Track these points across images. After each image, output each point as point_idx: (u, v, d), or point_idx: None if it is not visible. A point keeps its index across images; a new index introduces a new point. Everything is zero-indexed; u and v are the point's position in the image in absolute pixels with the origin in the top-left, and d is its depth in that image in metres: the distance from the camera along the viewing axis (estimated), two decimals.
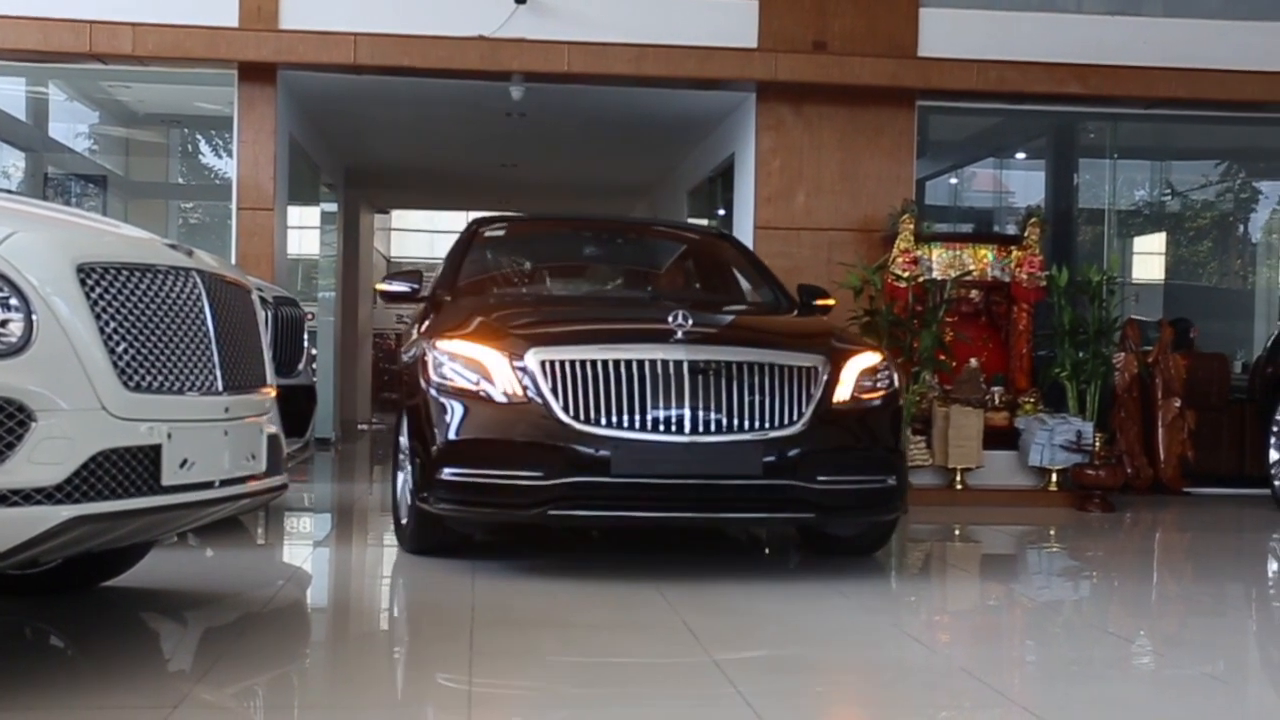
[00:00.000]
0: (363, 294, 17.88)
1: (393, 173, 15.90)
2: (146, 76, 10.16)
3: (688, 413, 4.74)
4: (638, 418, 4.73)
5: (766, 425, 4.81)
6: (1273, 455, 8.25)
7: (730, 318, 5.99)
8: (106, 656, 3.60)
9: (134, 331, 3.20)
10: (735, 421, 4.77)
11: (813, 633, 4.13)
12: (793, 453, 4.81)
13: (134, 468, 3.14)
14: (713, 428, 4.76)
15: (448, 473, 4.89)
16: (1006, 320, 9.02)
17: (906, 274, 8.64)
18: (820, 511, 4.97)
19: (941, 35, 9.86)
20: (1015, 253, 9.08)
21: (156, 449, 3.20)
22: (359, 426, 15.93)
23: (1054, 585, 5.48)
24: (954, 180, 12.13)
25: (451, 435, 4.92)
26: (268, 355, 3.99)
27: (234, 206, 9.82)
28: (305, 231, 13.66)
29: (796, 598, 4.74)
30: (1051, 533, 6.91)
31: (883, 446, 5.17)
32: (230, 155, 10.13)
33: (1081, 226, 11.52)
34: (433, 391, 5.02)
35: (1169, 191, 12.38)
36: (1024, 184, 12.24)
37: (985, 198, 12.41)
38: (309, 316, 8.09)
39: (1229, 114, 10.63)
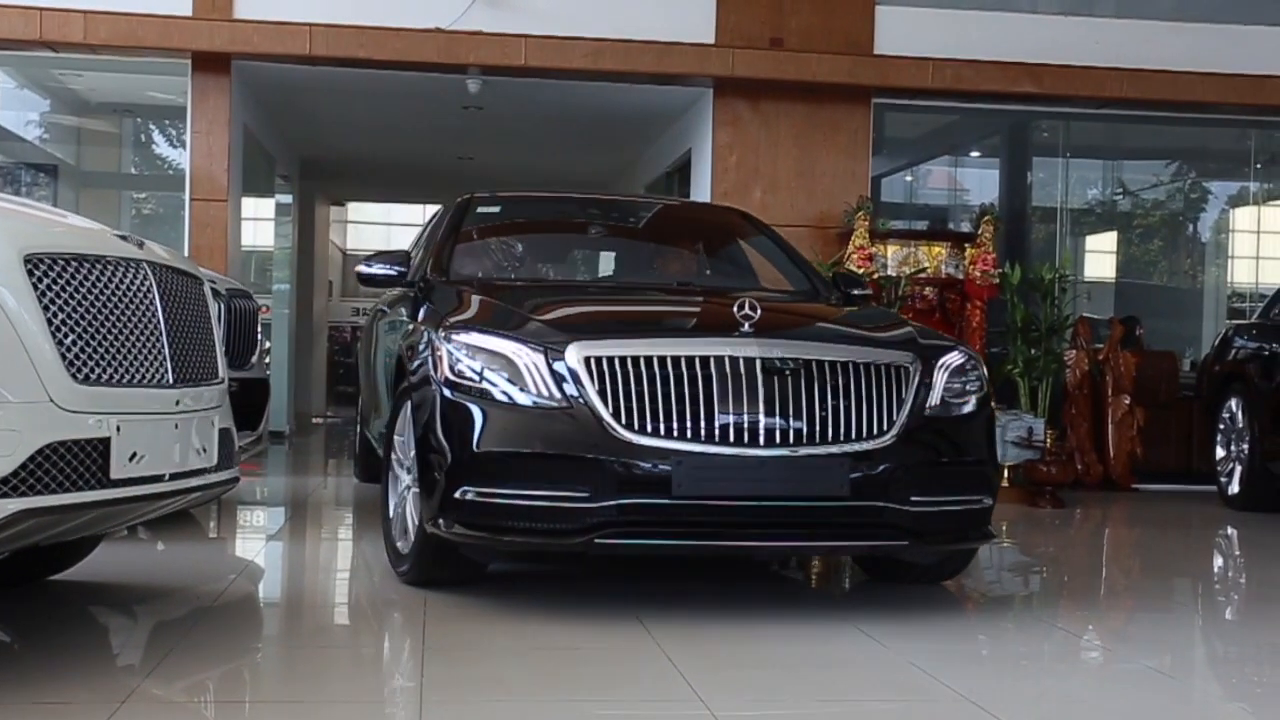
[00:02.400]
0: (318, 287, 17.80)
1: (349, 165, 15.82)
2: (98, 65, 10.07)
3: (762, 421, 3.97)
4: (703, 426, 3.94)
5: (853, 436, 4.06)
6: (1219, 452, 8.36)
7: (794, 307, 5.22)
8: (54, 651, 3.57)
9: (83, 323, 3.17)
10: (817, 431, 4.02)
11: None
12: (884, 469, 4.07)
13: (82, 461, 3.11)
14: (791, 439, 4.00)
15: (469, 492, 4.03)
16: (960, 317, 9.10)
17: (861, 270, 8.69)
18: (914, 538, 4.17)
19: (897, 33, 9.94)
20: (969, 250, 9.16)
21: (105, 442, 3.17)
22: (313, 420, 15.84)
23: (1004, 581, 5.53)
24: (909, 178, 12.21)
25: (473, 446, 4.06)
26: (220, 348, 3.96)
27: (187, 197, 9.75)
28: (260, 223, 13.56)
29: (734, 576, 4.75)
30: (1003, 527, 6.98)
31: (978, 460, 4.43)
32: (184, 146, 10.06)
33: (1034, 225, 11.63)
34: (446, 392, 4.18)
35: (1120, 191, 12.52)
36: (978, 182, 12.34)
37: (940, 195, 12.50)
38: (263, 309, 8.06)
39: (1179, 115, 10.77)
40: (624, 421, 3.95)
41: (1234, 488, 8.10)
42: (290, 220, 14.55)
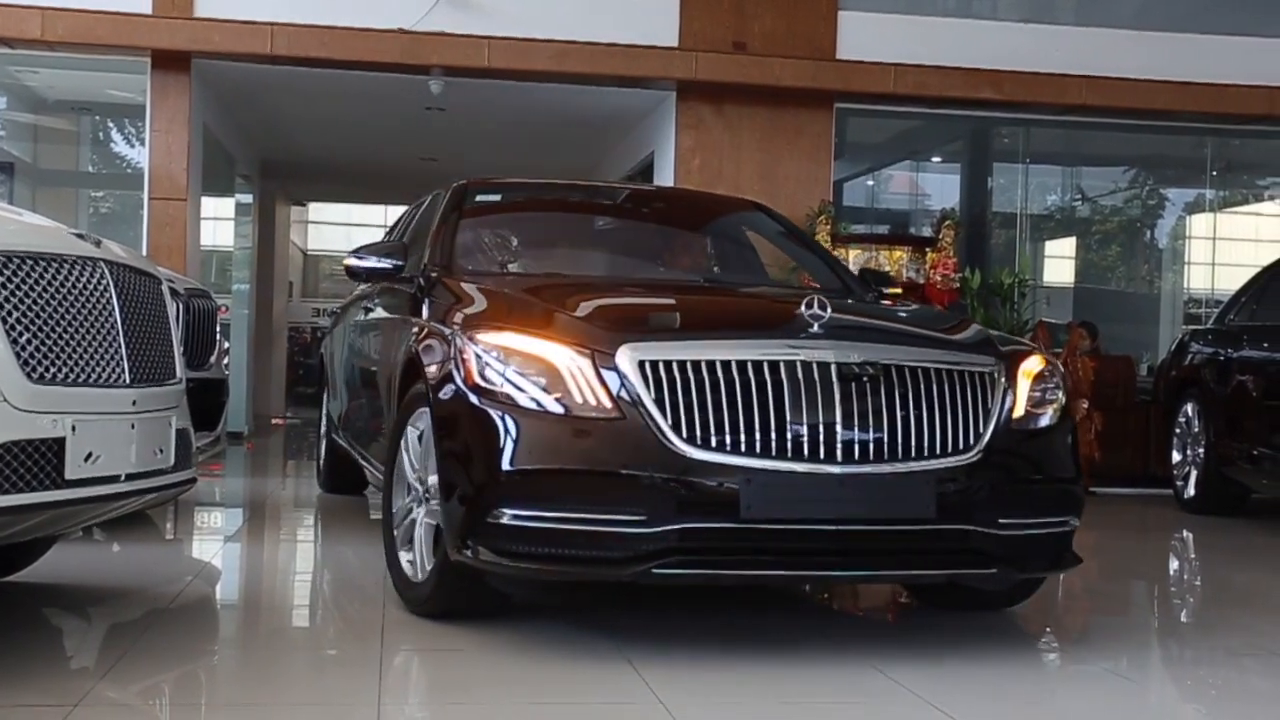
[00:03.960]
0: (278, 287, 17.71)
1: (310, 165, 15.75)
2: (56, 62, 9.98)
3: (839, 433, 3.54)
4: (774, 439, 3.50)
5: (937, 450, 3.64)
6: (1175, 456, 8.44)
7: (852, 306, 4.73)
8: (5, 654, 3.52)
9: (38, 322, 3.13)
10: (899, 445, 3.60)
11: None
12: (970, 487, 3.67)
13: (36, 461, 3.07)
14: (871, 454, 3.57)
15: (505, 515, 3.53)
16: None
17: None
18: (1003, 565, 3.75)
19: (860, 39, 9.99)
20: (930, 255, 9.23)
21: (60, 442, 3.13)
22: (273, 421, 15.74)
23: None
24: (871, 182, 12.28)
25: (509, 463, 3.57)
26: (178, 348, 3.92)
27: (146, 196, 9.67)
28: (219, 223, 13.50)
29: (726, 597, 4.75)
30: None
31: (1066, 477, 4.04)
32: (143, 144, 9.98)
33: (995, 230, 11.72)
34: (475, 401, 3.68)
35: (1080, 197, 12.64)
36: (939, 187, 12.43)
37: (901, 200, 12.58)
38: (222, 309, 8.00)
39: (1138, 122, 10.88)
40: (685, 434, 3.48)
41: (1190, 491, 8.18)
42: (250, 220, 14.46)
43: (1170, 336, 10.87)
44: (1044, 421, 3.95)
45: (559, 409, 3.58)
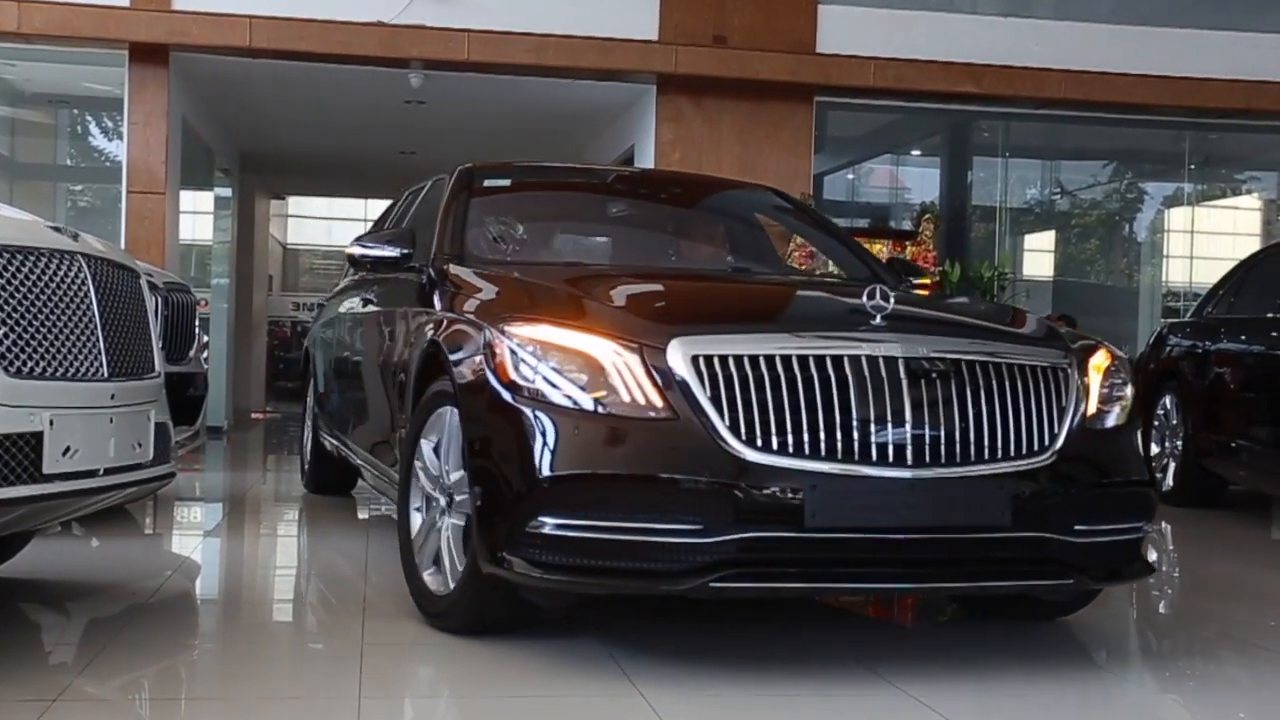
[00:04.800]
0: (257, 281, 17.65)
1: (289, 158, 15.70)
2: (33, 55, 9.92)
3: (909, 434, 3.29)
4: (840, 441, 3.25)
5: (1011, 452, 3.41)
6: (1154, 449, 8.48)
7: (917, 298, 4.48)
8: None
9: (15, 315, 3.11)
10: (972, 447, 3.36)
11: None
12: (1046, 492, 3.44)
13: (14, 455, 3.06)
14: (943, 457, 3.32)
15: (547, 524, 3.26)
16: None
17: (803, 268, 8.74)
18: (1079, 574, 3.52)
19: (840, 32, 10.01)
20: (910, 248, 9.25)
21: (38, 436, 3.11)
22: (252, 415, 15.69)
23: None
24: (851, 176, 12.31)
25: (551, 468, 3.30)
26: (156, 341, 3.91)
27: (124, 190, 9.63)
28: (199, 217, 13.44)
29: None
30: None
31: (1140, 479, 3.79)
32: (121, 138, 9.93)
33: (974, 223, 11.76)
34: (510, 399, 3.40)
35: (1059, 190, 12.70)
36: (919, 180, 12.47)
37: (881, 193, 12.62)
38: (202, 304, 7.97)
39: (1117, 116, 10.93)
40: (744, 436, 3.22)
41: (1168, 483, 8.22)
42: (230, 214, 14.41)
43: (1149, 329, 10.93)
44: (1116, 419, 3.73)
45: (604, 408, 3.30)
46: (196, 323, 6.30)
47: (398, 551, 4.10)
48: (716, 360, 3.28)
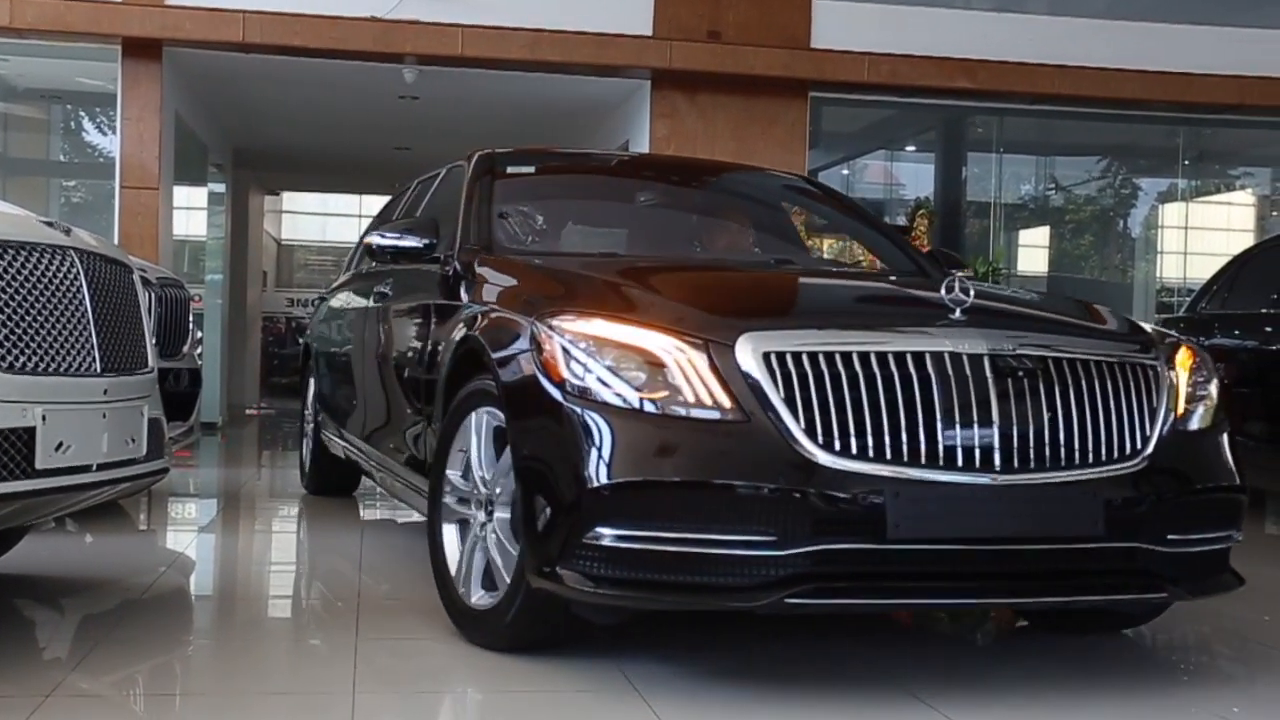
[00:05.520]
0: (251, 277, 17.64)
1: (283, 154, 15.68)
2: (26, 50, 9.89)
3: (996, 437, 3.07)
4: (923, 445, 3.02)
5: (1103, 456, 3.19)
6: None
7: (991, 290, 4.20)
8: None
9: (7, 311, 3.11)
10: (1062, 451, 3.14)
11: None
12: (1138, 499, 3.21)
13: (6, 451, 3.05)
14: (1032, 461, 3.10)
15: (606, 536, 3.02)
16: None
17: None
18: (1172, 586, 3.30)
19: (834, 28, 10.01)
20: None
21: (31, 431, 3.10)
22: (247, 411, 15.68)
23: None
24: (845, 171, 12.31)
25: (609, 475, 3.05)
26: (149, 337, 3.90)
27: (117, 185, 9.61)
28: (192, 212, 13.41)
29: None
30: None
31: (1230, 485, 3.53)
32: (114, 133, 9.91)
33: (969, 219, 11.77)
34: (562, 400, 3.16)
35: (1053, 186, 12.71)
36: (913, 176, 12.47)
37: (876, 189, 12.62)
38: (196, 300, 7.96)
39: (1111, 112, 10.94)
40: (821, 439, 2.99)
41: None
42: (224, 209, 14.39)
43: None
44: (1203, 420, 3.50)
45: (667, 410, 3.06)
46: (190, 318, 6.30)
47: (392, 549, 4.05)
48: (789, 357, 3.05)
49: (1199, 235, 12.50)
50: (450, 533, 3.75)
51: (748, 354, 3.05)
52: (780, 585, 2.95)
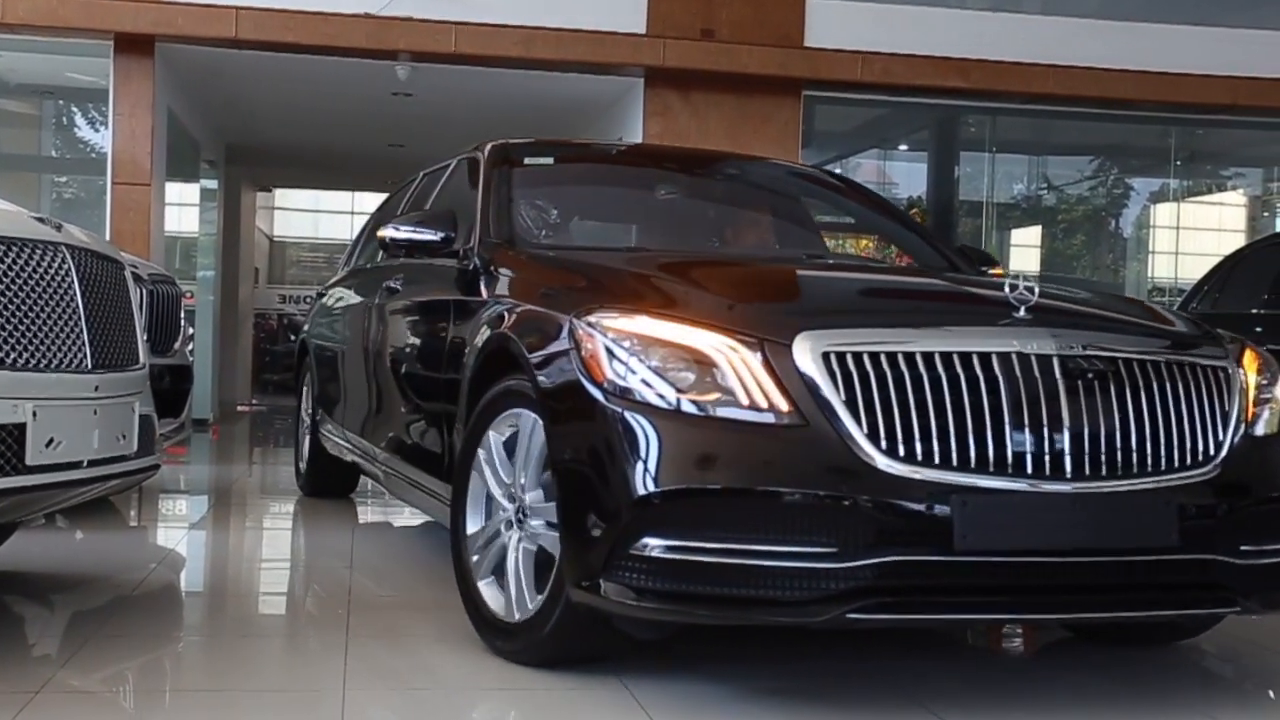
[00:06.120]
0: (243, 274, 17.62)
1: (276, 150, 15.66)
2: (17, 45, 9.87)
3: (1067, 442, 2.91)
4: (992, 451, 2.87)
5: (1175, 463, 3.03)
6: None
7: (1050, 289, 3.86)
8: None
9: None
10: (1134, 457, 2.99)
11: None
12: (1211, 507, 3.05)
13: None
14: (1103, 468, 2.94)
15: (655, 547, 2.84)
16: None
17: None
18: (1245, 600, 3.10)
19: (828, 26, 10.01)
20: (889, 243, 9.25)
21: (21, 428, 3.10)
22: (238, 407, 15.67)
23: None
24: (838, 170, 12.31)
25: (657, 481, 2.88)
26: (141, 333, 3.90)
27: (109, 181, 9.59)
28: (184, 209, 13.40)
29: None
30: None
31: None
32: (106, 128, 9.89)
33: (961, 218, 11.78)
34: (605, 401, 3.00)
35: (1045, 186, 12.74)
36: (906, 175, 12.48)
37: (869, 188, 12.64)
38: (188, 296, 7.94)
39: (1103, 112, 10.96)
40: (884, 445, 2.83)
41: None
42: (216, 206, 14.37)
43: None
44: (1271, 425, 3.31)
45: (720, 413, 2.90)
46: (182, 315, 6.29)
47: (386, 547, 4.02)
48: (850, 357, 2.88)
49: (1190, 235, 12.53)
50: (477, 541, 3.55)
51: (806, 354, 2.89)
52: (841, 599, 2.78)
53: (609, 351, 3.04)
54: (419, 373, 4.54)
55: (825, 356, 2.88)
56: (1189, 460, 3.04)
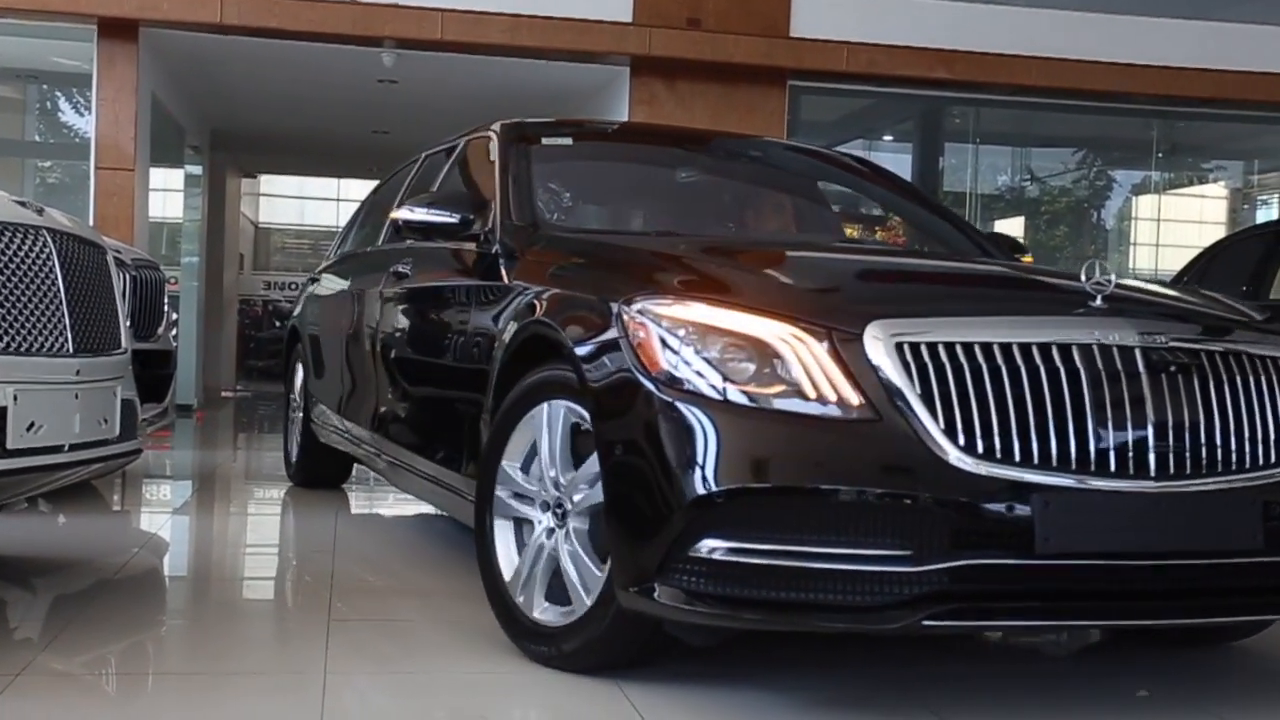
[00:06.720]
0: (228, 260, 17.58)
1: (261, 137, 15.63)
2: (1, 29, 9.82)
3: (1151, 439, 2.75)
4: (1074, 448, 2.70)
5: (1260, 461, 2.87)
6: None
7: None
8: None
9: None
10: (1219, 454, 2.82)
11: None
12: None
13: None
14: (1188, 466, 2.78)
15: (717, 549, 2.66)
16: None
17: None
18: None
19: (814, 17, 10.04)
20: (880, 233, 9.27)
21: (2, 411, 3.11)
22: (223, 393, 15.66)
23: None
24: None
25: (718, 480, 2.69)
26: (123, 318, 3.91)
27: (92, 166, 9.57)
28: (169, 195, 13.37)
29: None
30: None
31: None
32: (90, 113, 9.87)
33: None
34: (660, 393, 2.80)
35: (1029, 177, 12.79)
36: (891, 166, 12.38)
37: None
38: (172, 282, 7.93)
39: (1087, 104, 11.00)
40: (962, 441, 2.65)
41: None
42: (200, 192, 14.35)
43: None
44: None
45: (785, 406, 2.72)
46: (166, 300, 6.29)
47: (372, 532, 3.96)
48: (925, 348, 2.71)
49: (1172, 227, 12.60)
50: (504, 533, 3.36)
51: (878, 344, 2.71)
52: (916, 605, 2.62)
53: (663, 341, 2.85)
54: (434, 361, 4.32)
55: (899, 347, 2.71)
56: (1273, 458, 2.89)
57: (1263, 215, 12.78)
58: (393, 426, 4.74)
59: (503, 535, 3.36)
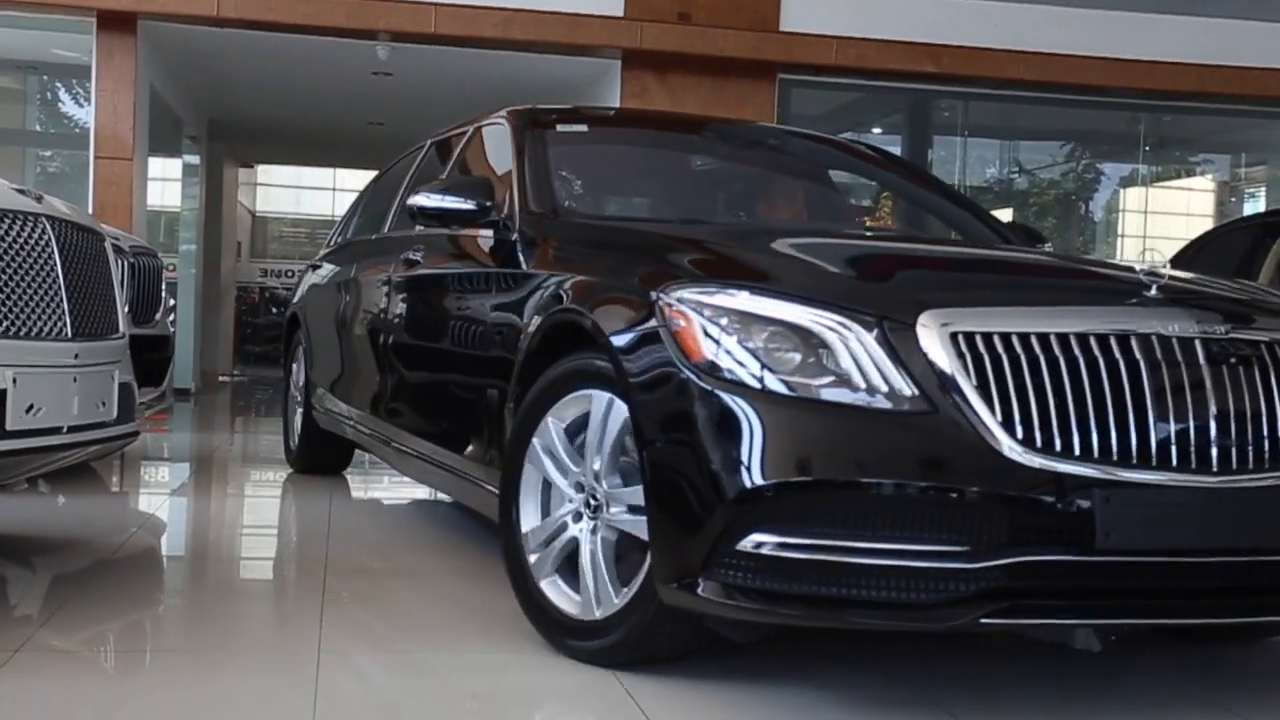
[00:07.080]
0: (225, 248, 17.67)
1: (258, 127, 15.67)
2: (2, 20, 9.90)
3: (1213, 432, 2.65)
4: (1135, 441, 2.60)
5: None
6: None
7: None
8: None
9: None
10: (1275, 447, 2.71)
11: None
12: None
13: None
14: (1250, 459, 2.68)
15: (766, 544, 2.57)
16: None
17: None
18: None
19: (803, 10, 10.10)
20: (869, 224, 9.36)
21: (1, 393, 3.16)
22: (219, 378, 15.74)
23: None
24: None
25: (766, 473, 2.59)
26: (121, 303, 3.95)
27: (91, 156, 9.65)
28: (167, 184, 13.46)
29: None
30: None
31: None
32: (90, 104, 9.95)
33: None
34: (704, 384, 2.69)
35: (1017, 170, 12.85)
36: None
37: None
38: (170, 269, 8.02)
39: (1074, 98, 11.07)
40: (1020, 434, 2.55)
41: None
42: (198, 181, 14.42)
43: None
44: None
45: (834, 397, 2.61)
46: (163, 287, 6.36)
47: (369, 515, 3.84)
48: (980, 339, 2.61)
49: (1159, 220, 12.68)
50: (539, 534, 3.21)
51: (932, 334, 2.61)
52: (972, 602, 2.53)
53: (704, 330, 2.74)
54: (449, 348, 4.20)
55: (954, 337, 2.61)
56: None
57: (1249, 208, 12.87)
58: (400, 411, 4.68)
59: (533, 524, 3.23)
